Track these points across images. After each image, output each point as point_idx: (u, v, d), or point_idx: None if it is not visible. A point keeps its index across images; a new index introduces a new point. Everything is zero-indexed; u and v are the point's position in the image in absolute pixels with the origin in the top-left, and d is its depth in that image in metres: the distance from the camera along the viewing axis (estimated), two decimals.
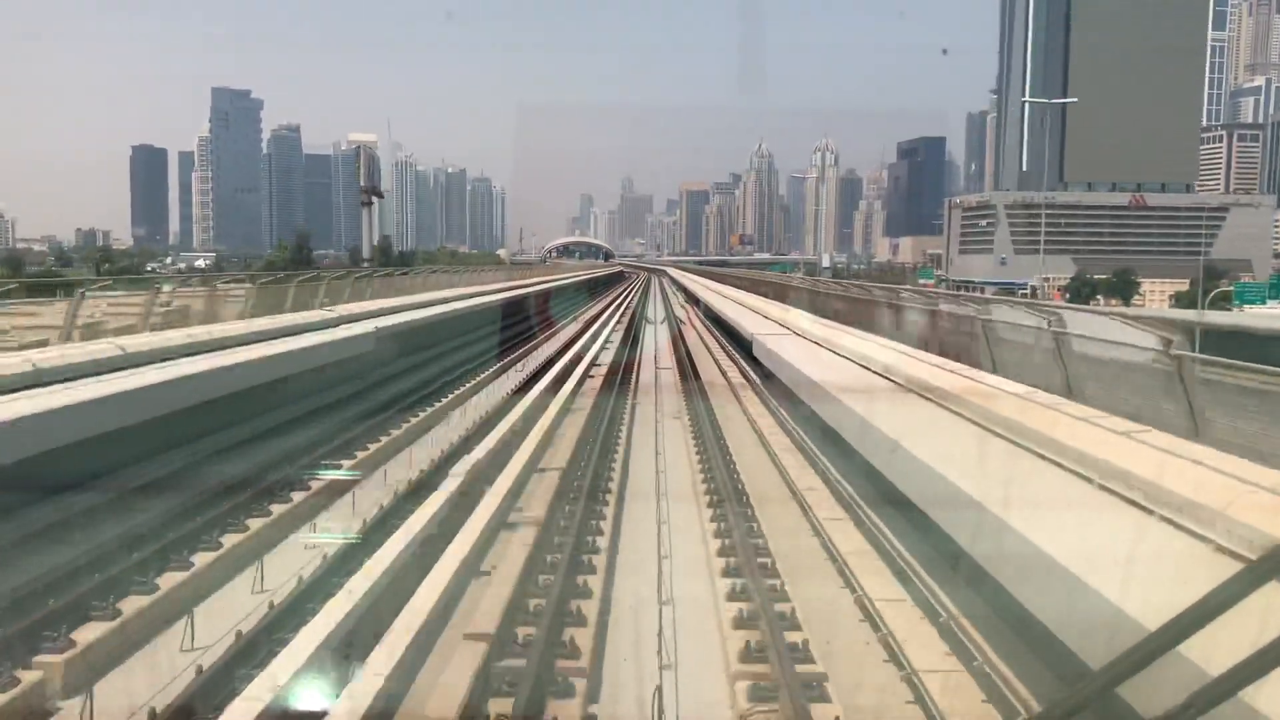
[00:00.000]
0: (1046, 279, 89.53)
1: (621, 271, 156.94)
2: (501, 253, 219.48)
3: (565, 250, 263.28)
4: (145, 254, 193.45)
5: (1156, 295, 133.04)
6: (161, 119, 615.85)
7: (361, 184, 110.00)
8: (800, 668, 7.47)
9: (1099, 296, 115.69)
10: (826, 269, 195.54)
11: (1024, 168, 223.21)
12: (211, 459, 14.36)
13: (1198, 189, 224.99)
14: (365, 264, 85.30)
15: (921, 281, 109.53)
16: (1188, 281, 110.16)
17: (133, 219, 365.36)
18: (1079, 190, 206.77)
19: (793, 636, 8.09)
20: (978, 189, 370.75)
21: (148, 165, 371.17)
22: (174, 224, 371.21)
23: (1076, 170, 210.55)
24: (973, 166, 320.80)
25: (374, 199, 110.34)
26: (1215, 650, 1.81)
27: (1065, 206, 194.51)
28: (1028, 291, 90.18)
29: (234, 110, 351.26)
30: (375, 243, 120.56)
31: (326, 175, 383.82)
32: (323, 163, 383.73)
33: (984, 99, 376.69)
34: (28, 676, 7.20)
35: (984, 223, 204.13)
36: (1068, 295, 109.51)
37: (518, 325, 41.09)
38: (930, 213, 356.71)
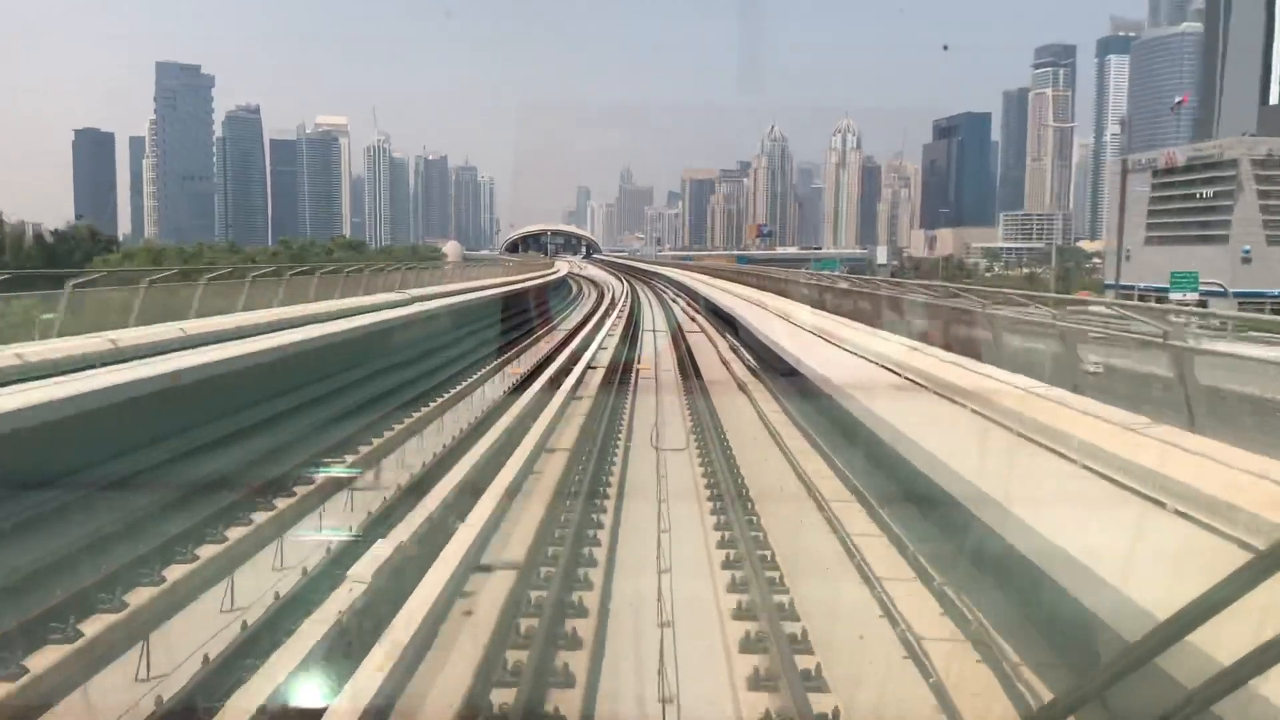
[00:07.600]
0: None
1: (549, 285, 65.55)
2: (449, 247, 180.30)
3: (534, 241, 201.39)
4: None
5: None
6: (112, 101, 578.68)
7: None
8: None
9: None
10: (883, 266, 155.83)
11: (1271, 99, 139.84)
12: None
13: None
14: None
15: (1175, 298, 68.44)
16: None
17: (75, 209, 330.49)
18: None
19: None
20: (1017, 173, 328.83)
21: (93, 151, 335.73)
22: (124, 215, 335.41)
23: None
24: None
25: None
26: (1221, 643, 1.80)
27: None
28: None
29: (181, 88, 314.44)
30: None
31: (292, 162, 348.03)
32: (288, 148, 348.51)
33: (1024, 75, 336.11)
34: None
35: (1209, 192, 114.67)
36: None
37: None
38: (977, 199, 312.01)
